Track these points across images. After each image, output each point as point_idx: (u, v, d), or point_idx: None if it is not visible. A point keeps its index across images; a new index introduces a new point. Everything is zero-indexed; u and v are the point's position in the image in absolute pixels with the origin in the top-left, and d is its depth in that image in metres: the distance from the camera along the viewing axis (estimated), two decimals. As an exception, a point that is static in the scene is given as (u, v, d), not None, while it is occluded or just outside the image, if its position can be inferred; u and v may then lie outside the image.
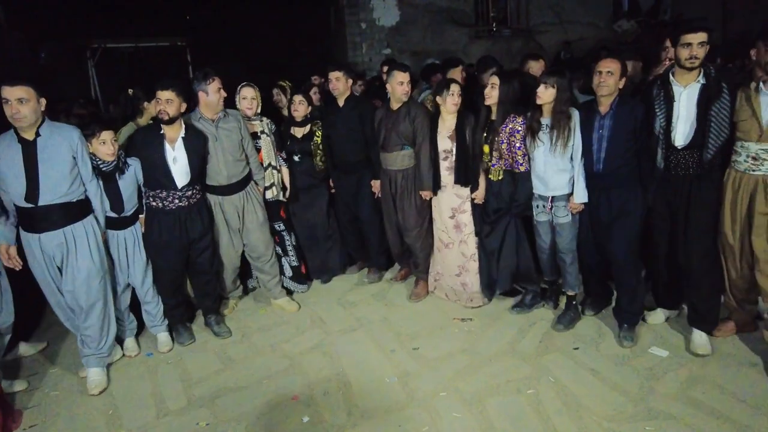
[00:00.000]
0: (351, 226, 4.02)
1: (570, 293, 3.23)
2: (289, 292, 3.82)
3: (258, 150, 3.53)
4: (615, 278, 3.08)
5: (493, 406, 2.54)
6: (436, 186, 3.44)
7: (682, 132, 2.68)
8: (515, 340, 3.11)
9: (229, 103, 3.39)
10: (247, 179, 3.45)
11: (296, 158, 3.76)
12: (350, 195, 3.86)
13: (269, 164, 3.58)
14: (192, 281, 3.49)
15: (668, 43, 3.18)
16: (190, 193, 3.12)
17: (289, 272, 3.86)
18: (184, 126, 3.07)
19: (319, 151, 3.76)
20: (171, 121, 2.97)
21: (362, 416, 2.55)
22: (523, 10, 8.82)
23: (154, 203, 3.07)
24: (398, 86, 3.44)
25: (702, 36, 2.56)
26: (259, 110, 3.56)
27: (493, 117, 3.21)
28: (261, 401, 2.70)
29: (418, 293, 3.71)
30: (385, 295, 3.79)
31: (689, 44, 2.57)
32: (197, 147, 3.12)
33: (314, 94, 4.25)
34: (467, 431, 2.40)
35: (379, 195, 3.77)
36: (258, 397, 2.73)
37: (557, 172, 2.99)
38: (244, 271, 3.81)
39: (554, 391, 2.63)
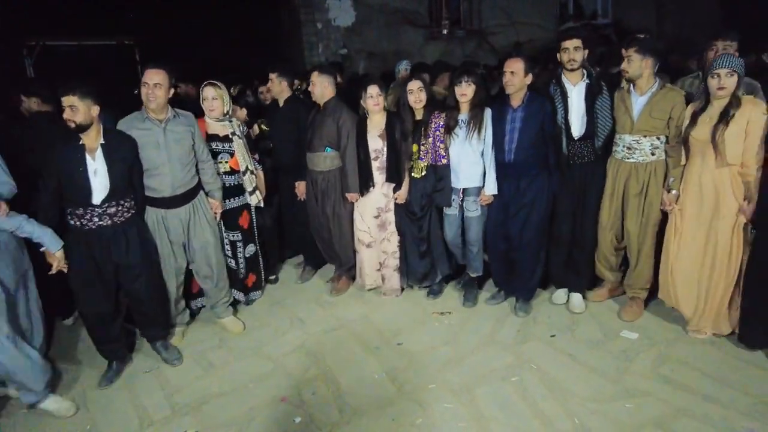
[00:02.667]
0: (292, 227, 4.10)
1: (473, 275, 3.56)
2: (235, 303, 3.61)
3: (231, 154, 3.33)
4: (518, 259, 3.32)
5: (481, 395, 2.62)
6: (363, 187, 3.48)
7: (576, 124, 3.08)
8: (494, 331, 3.21)
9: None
10: (196, 190, 3.11)
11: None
12: (291, 196, 3.90)
13: (247, 168, 3.39)
14: (130, 310, 3.08)
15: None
16: (113, 210, 2.70)
17: (237, 285, 3.58)
18: (102, 132, 2.68)
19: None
20: (81, 129, 2.59)
21: (354, 413, 2.56)
22: (475, 12, 9.04)
23: (72, 221, 2.69)
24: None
25: (576, 42, 2.99)
26: (227, 110, 3.31)
27: (419, 117, 3.35)
28: (249, 405, 2.66)
29: (339, 288, 3.81)
30: (363, 294, 3.80)
31: (567, 49, 3.01)
32: (122, 155, 2.72)
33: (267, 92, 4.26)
34: (459, 420, 2.46)
35: (303, 197, 3.80)
36: (245, 401, 2.68)
37: (470, 164, 3.24)
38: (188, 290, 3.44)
39: (537, 377, 2.74)
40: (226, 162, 3.34)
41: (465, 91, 3.14)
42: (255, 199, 3.48)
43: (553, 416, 2.44)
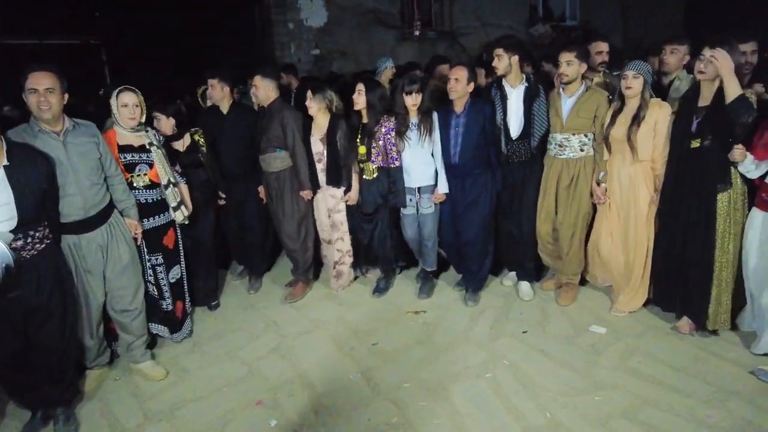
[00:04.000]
0: (238, 234, 3.96)
1: (429, 269, 3.73)
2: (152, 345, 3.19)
3: (150, 165, 2.96)
4: (468, 253, 3.52)
5: (456, 392, 2.66)
6: (315, 185, 3.60)
7: (514, 125, 3.29)
8: (468, 328, 3.26)
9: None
10: (110, 208, 2.73)
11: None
12: (238, 203, 3.81)
13: (169, 181, 3.03)
14: (35, 361, 2.45)
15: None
16: (21, 243, 2.24)
17: (159, 317, 3.16)
18: (5, 150, 2.22)
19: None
20: None
21: (330, 414, 2.56)
22: (447, 14, 9.12)
23: None
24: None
25: (499, 50, 3.21)
26: (143, 119, 2.96)
27: (365, 120, 3.44)
28: (223, 409, 2.63)
29: (294, 294, 3.78)
30: (337, 295, 3.80)
31: (498, 55, 3.23)
32: (33, 178, 2.27)
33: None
34: (434, 417, 2.49)
35: (263, 198, 3.82)
36: (220, 406, 2.66)
37: (423, 165, 3.40)
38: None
39: (510, 373, 2.79)
40: (145, 174, 2.96)
41: (415, 101, 3.29)
42: (180, 216, 3.13)
43: (526, 411, 2.49)
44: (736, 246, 2.76)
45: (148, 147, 2.98)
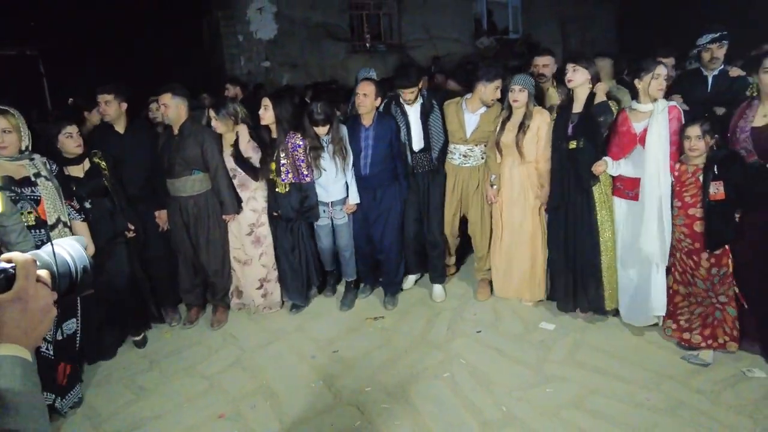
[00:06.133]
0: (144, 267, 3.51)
1: (348, 279, 3.81)
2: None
3: (36, 201, 2.55)
4: (383, 260, 3.70)
5: (416, 393, 2.75)
6: (239, 206, 3.50)
7: (416, 139, 3.53)
8: (425, 331, 3.37)
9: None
10: None
11: (87, 204, 2.98)
12: (143, 233, 3.40)
13: (58, 220, 2.63)
14: None
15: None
16: None
17: (53, 385, 2.63)
18: None
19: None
20: None
21: (293, 423, 2.59)
22: (395, 27, 9.35)
23: None
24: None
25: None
26: (26, 144, 2.56)
27: (274, 135, 3.46)
28: (185, 425, 2.61)
29: (220, 319, 3.59)
30: (298, 306, 3.82)
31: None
32: None
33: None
34: (395, 419, 2.57)
35: (166, 227, 3.53)
36: (181, 422, 2.64)
37: (335, 179, 3.49)
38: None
39: (466, 371, 2.91)
40: (30, 212, 2.53)
41: (324, 132, 3.37)
42: None
43: (483, 406, 2.61)
44: (614, 232, 3.17)
45: (33, 179, 2.54)
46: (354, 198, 3.52)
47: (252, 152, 3.46)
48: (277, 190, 3.50)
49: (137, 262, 3.37)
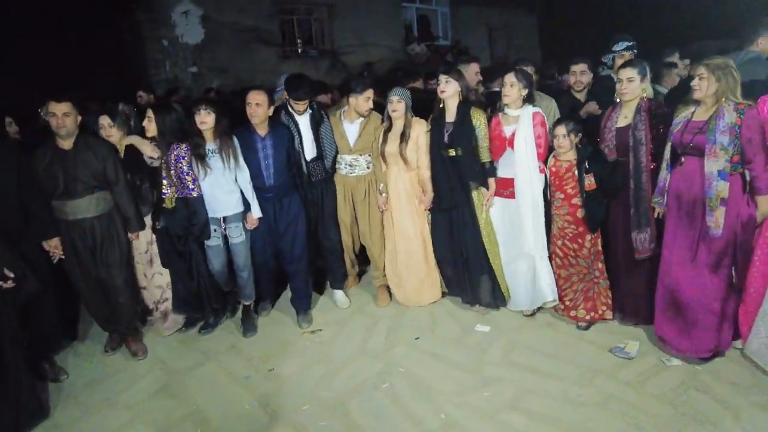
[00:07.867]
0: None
1: (246, 303, 3.57)
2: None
3: None
4: (295, 270, 3.56)
5: (355, 407, 2.68)
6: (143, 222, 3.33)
7: (308, 148, 3.54)
8: (364, 341, 3.31)
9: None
10: None
11: None
12: (16, 266, 2.68)
13: None
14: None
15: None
16: None
17: None
18: None
19: None
20: None
21: (226, 449, 2.45)
22: (327, 33, 9.29)
23: None
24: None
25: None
26: None
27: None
28: (104, 463, 2.40)
29: (136, 351, 3.29)
30: (228, 324, 3.64)
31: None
32: None
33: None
34: (335, 436, 2.49)
35: (61, 255, 3.09)
36: (100, 460, 2.42)
37: (226, 192, 3.27)
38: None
39: (406, 380, 2.88)
40: None
41: (205, 119, 3.16)
42: None
43: (422, 415, 2.59)
44: (493, 229, 3.44)
45: None
46: (256, 212, 3.35)
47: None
48: (164, 205, 3.25)
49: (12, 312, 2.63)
